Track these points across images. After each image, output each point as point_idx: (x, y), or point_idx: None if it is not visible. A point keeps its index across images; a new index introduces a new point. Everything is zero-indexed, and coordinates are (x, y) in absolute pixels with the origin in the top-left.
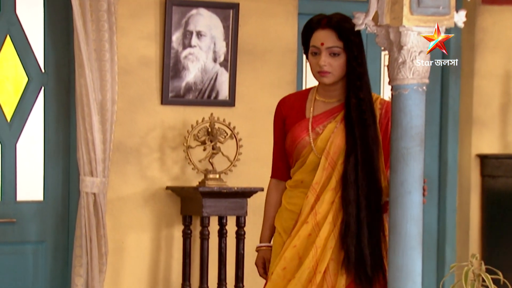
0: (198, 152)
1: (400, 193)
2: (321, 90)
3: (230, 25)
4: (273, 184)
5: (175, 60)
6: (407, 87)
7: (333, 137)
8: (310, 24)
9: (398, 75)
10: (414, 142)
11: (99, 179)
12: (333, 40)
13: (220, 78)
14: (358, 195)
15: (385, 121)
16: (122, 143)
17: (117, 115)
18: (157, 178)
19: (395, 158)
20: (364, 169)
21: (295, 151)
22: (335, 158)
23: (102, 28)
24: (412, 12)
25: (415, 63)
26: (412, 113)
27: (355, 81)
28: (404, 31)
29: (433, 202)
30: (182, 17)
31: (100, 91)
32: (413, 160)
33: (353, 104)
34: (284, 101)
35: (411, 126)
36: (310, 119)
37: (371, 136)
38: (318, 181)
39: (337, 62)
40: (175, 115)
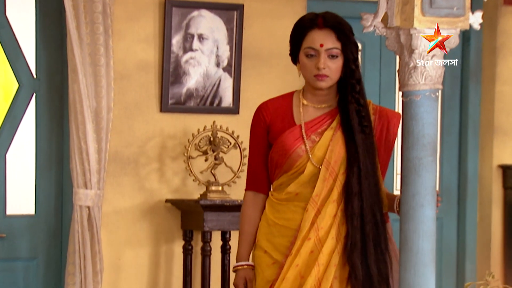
0: (200, 162)
1: (411, 206)
2: (309, 95)
3: (234, 28)
4: (250, 197)
5: (175, 65)
6: (419, 93)
7: (332, 145)
8: (303, 23)
9: (409, 80)
10: (426, 151)
11: (93, 191)
12: (332, 41)
13: (224, 83)
14: (362, 208)
15: (378, 128)
16: (118, 153)
17: (113, 123)
18: (156, 190)
19: (406, 169)
20: (367, 179)
21: (288, 161)
22: (336, 168)
23: (97, 31)
24: (424, 13)
25: (427, 67)
26: (424, 121)
27: (355, 85)
28: (415, 33)
29: (452, 216)
30: (183, 19)
31: (94, 97)
32: (425, 171)
33: (353, 110)
34: (267, 107)
35: (423, 135)
36: (302, 125)
37: (371, 144)
38: (319, 193)
39: (335, 64)
40: (175, 123)
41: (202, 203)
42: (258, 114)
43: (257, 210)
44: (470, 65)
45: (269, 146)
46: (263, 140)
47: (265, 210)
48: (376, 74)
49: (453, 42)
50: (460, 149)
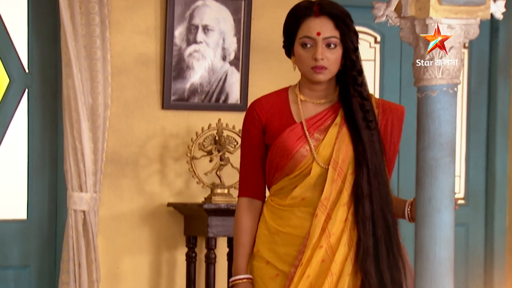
0: (204, 163)
1: (427, 211)
2: (306, 90)
3: (242, 18)
4: (245, 204)
5: (178, 59)
6: (435, 89)
7: (338, 143)
8: (297, 11)
9: (425, 74)
10: (444, 152)
11: (89, 194)
12: (330, 29)
13: (230, 78)
14: (373, 211)
15: (383, 123)
16: (116, 153)
17: (111, 121)
18: (157, 193)
19: (422, 170)
20: (376, 179)
21: (290, 162)
22: (344, 168)
23: (92, 22)
24: (441, 2)
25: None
26: (441, 119)
27: (356, 77)
28: (431, 23)
29: (479, 221)
30: (186, 9)
31: (90, 93)
32: (443, 173)
33: (357, 104)
34: (261, 104)
35: (439, 134)
36: (303, 123)
37: (377, 141)
38: (328, 196)
39: (334, 55)
40: (177, 121)
41: (206, 207)
42: (251, 113)
43: (253, 218)
44: (499, 58)
45: (265, 148)
46: (258, 141)
47: (264, 217)
48: (396, 68)
49: (473, 33)
50: (488, 149)
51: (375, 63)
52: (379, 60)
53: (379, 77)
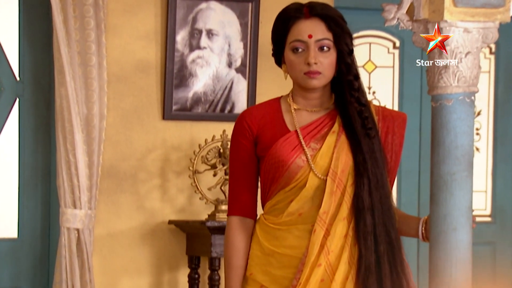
0: (208, 178)
1: (442, 229)
2: (299, 98)
3: (249, 22)
4: (237, 223)
5: (180, 65)
6: (451, 97)
7: (337, 152)
8: (287, 14)
9: (439, 82)
10: (460, 166)
11: (83, 211)
12: (322, 31)
13: (236, 86)
14: (374, 225)
15: (383, 131)
16: (113, 167)
17: (107, 132)
18: (157, 210)
19: (436, 186)
20: (378, 191)
21: (286, 174)
22: (343, 179)
23: (87, 26)
24: (456, 4)
25: (461, 67)
26: (457, 130)
27: (353, 82)
28: (446, 27)
29: (507, 240)
30: (189, 12)
31: (85, 103)
32: (459, 189)
33: (355, 110)
34: (251, 114)
35: (455, 146)
36: (298, 131)
37: (378, 150)
38: (327, 210)
39: (328, 59)
40: (179, 132)
41: (209, 225)
42: (241, 124)
43: (245, 238)
44: None
45: (256, 162)
46: (249, 154)
47: (257, 237)
48: (416, 76)
49: (491, 38)
50: None
51: (394, 70)
52: (398, 67)
53: (398, 85)
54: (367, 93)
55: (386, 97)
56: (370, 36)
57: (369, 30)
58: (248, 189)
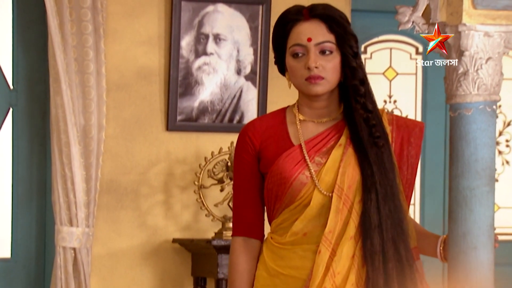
0: (214, 193)
1: (462, 249)
2: (305, 108)
3: (259, 26)
4: (240, 244)
5: (185, 72)
6: (471, 106)
7: (343, 166)
8: (286, 17)
9: (458, 90)
10: (481, 180)
11: (80, 229)
12: (322, 33)
13: (246, 95)
14: (383, 243)
15: (398, 141)
16: (113, 181)
17: (106, 144)
18: (160, 227)
19: (455, 202)
20: (387, 205)
21: (289, 192)
22: (350, 195)
23: (84, 31)
24: (476, 5)
25: (481, 74)
26: (477, 141)
27: (358, 87)
28: (465, 31)
29: None
30: (195, 15)
31: (82, 113)
32: (479, 205)
33: (361, 117)
34: (253, 128)
35: (475, 159)
36: (302, 145)
37: (387, 161)
38: (332, 229)
39: (331, 63)
40: (184, 144)
41: (215, 243)
42: (243, 138)
43: (250, 259)
44: None
45: (261, 178)
46: (253, 170)
47: (263, 257)
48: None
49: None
50: None
51: (417, 77)
52: (421, 74)
53: (421, 94)
54: (387, 101)
55: (408, 107)
56: (391, 41)
57: (389, 35)
58: (252, 207)
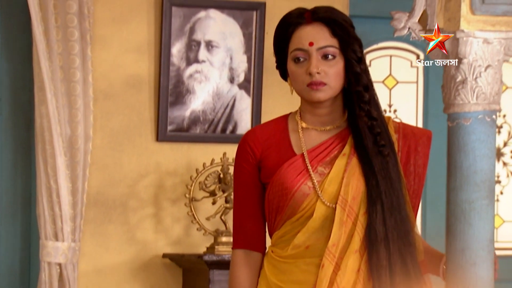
0: (206, 206)
1: (460, 265)
2: (308, 115)
3: (253, 32)
4: (241, 257)
5: (175, 81)
6: (469, 116)
7: (347, 177)
8: (287, 21)
9: (456, 99)
10: (480, 193)
11: (66, 244)
12: (325, 38)
13: (239, 104)
14: (389, 256)
15: (404, 150)
16: (101, 194)
17: (94, 156)
18: (150, 242)
19: (453, 216)
20: (393, 216)
21: (291, 203)
22: (355, 207)
23: (71, 37)
24: (474, 11)
25: (480, 82)
26: (476, 153)
27: (362, 93)
28: (463, 37)
29: None
30: (186, 21)
31: (68, 123)
32: (479, 219)
33: (365, 125)
34: (254, 136)
35: (474, 171)
36: (305, 154)
37: (393, 170)
38: (336, 242)
39: (333, 68)
40: (175, 155)
41: (207, 259)
42: (243, 147)
43: (251, 273)
44: None
45: (262, 188)
46: (253, 181)
47: (264, 271)
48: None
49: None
50: None
51: (418, 85)
52: (422, 82)
53: (422, 102)
54: (388, 111)
55: (409, 116)
56: (391, 48)
57: (389, 41)
58: (253, 219)
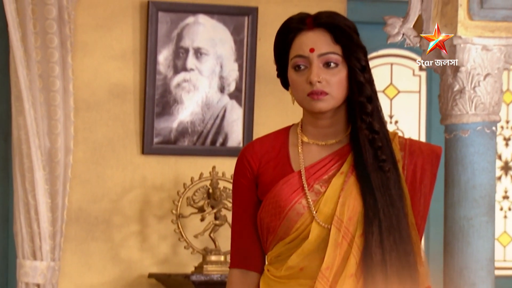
0: (194, 223)
1: (458, 285)
2: (310, 127)
3: (245, 39)
4: (237, 277)
5: (162, 90)
6: (467, 128)
7: (344, 196)
8: (288, 26)
9: (453, 109)
10: (479, 209)
11: (45, 263)
12: (327, 44)
13: (230, 115)
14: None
15: (410, 168)
16: (83, 210)
17: (75, 169)
18: (135, 261)
19: (450, 233)
20: (392, 236)
21: (284, 223)
22: (351, 228)
23: (50, 44)
24: (472, 16)
25: (479, 91)
26: (475, 166)
27: (365, 104)
28: (460, 44)
29: None
30: (173, 27)
31: (47, 135)
32: (477, 237)
33: (366, 138)
34: (252, 150)
35: (473, 186)
36: (302, 172)
37: (394, 187)
38: (330, 265)
39: (336, 77)
40: (162, 169)
41: (194, 279)
42: (241, 161)
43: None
44: None
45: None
46: (251, 197)
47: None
48: None
49: None
50: None
51: (420, 95)
52: (425, 92)
53: (425, 113)
54: (388, 122)
55: (411, 128)
56: (392, 56)
57: (390, 49)
58: (250, 237)
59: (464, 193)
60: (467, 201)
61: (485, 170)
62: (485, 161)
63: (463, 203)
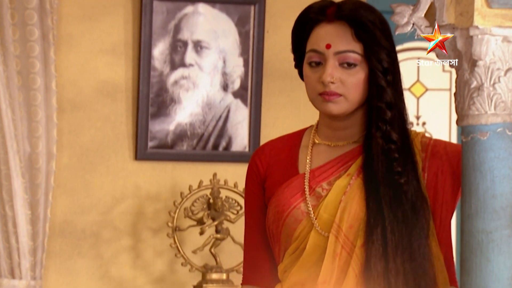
0: (193, 237)
1: None
2: (324, 128)
3: (251, 31)
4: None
5: (158, 88)
6: (486, 129)
7: (345, 201)
8: (307, 15)
9: (470, 109)
10: (500, 221)
11: (24, 282)
12: (346, 41)
13: (234, 116)
14: None
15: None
16: (68, 222)
17: (59, 177)
18: (127, 279)
19: (468, 248)
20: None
21: (283, 230)
22: (351, 236)
23: (30, 37)
24: (491, 4)
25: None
26: (494, 173)
27: (383, 110)
28: (478, 35)
29: None
30: (170, 18)
31: (27, 138)
32: (498, 253)
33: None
34: (262, 151)
35: (493, 195)
36: (306, 174)
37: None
38: (327, 279)
39: (353, 78)
40: (157, 177)
41: None
42: (250, 165)
43: None
44: None
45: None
46: (258, 204)
47: None
48: None
49: None
50: None
51: (451, 93)
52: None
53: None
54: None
55: (440, 129)
56: (418, 49)
57: (416, 42)
58: (261, 250)
59: (482, 204)
60: (486, 213)
61: (506, 177)
62: (506, 167)
63: (481, 215)
